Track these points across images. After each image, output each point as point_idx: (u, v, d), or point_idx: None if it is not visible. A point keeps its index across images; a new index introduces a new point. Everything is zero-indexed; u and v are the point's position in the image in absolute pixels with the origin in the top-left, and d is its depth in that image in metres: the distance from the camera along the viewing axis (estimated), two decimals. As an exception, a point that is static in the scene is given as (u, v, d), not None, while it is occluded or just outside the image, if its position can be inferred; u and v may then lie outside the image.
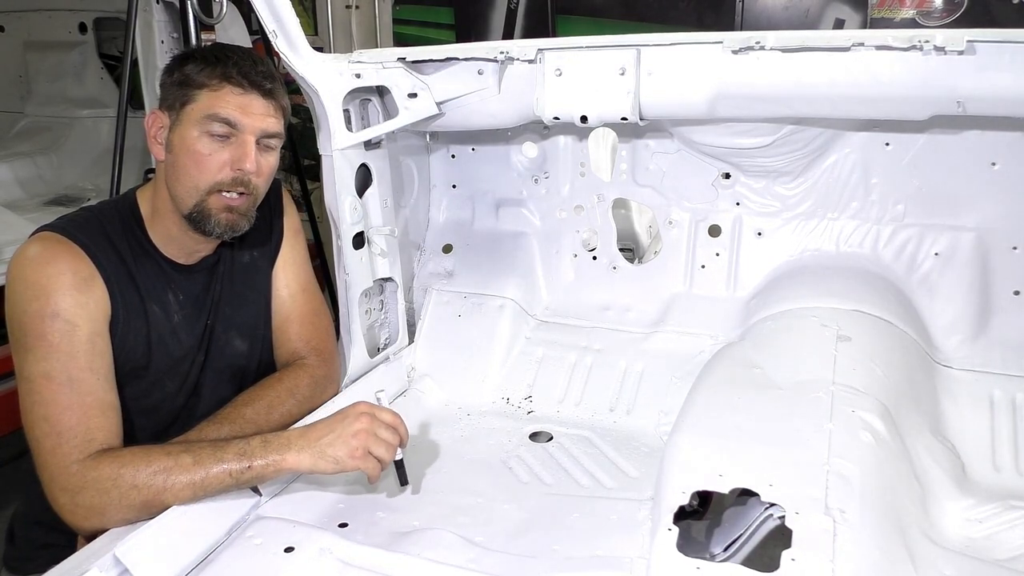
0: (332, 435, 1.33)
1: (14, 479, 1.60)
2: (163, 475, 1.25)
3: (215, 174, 1.38)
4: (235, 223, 1.43)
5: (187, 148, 1.37)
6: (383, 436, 1.36)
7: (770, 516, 1.24)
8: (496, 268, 2.13)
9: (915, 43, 1.40)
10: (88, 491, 1.24)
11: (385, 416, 1.39)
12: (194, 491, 1.27)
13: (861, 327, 1.69)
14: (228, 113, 1.36)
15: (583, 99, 1.67)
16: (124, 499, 1.24)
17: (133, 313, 1.41)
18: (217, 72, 1.37)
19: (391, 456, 1.38)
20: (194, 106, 1.37)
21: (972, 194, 1.78)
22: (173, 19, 2.80)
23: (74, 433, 1.27)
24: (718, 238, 2.01)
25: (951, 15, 3.61)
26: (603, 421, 1.82)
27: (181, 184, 1.39)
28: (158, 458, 1.26)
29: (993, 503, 1.44)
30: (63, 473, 1.26)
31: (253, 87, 1.38)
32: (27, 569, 1.52)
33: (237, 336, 1.59)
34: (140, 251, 1.45)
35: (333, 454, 1.32)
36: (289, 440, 1.32)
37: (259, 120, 1.39)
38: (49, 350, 1.28)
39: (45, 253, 1.33)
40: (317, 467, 1.32)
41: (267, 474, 1.31)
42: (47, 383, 1.28)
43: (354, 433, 1.33)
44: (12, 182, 3.86)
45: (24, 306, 1.30)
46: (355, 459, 1.33)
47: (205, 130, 1.37)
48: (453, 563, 1.24)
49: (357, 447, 1.32)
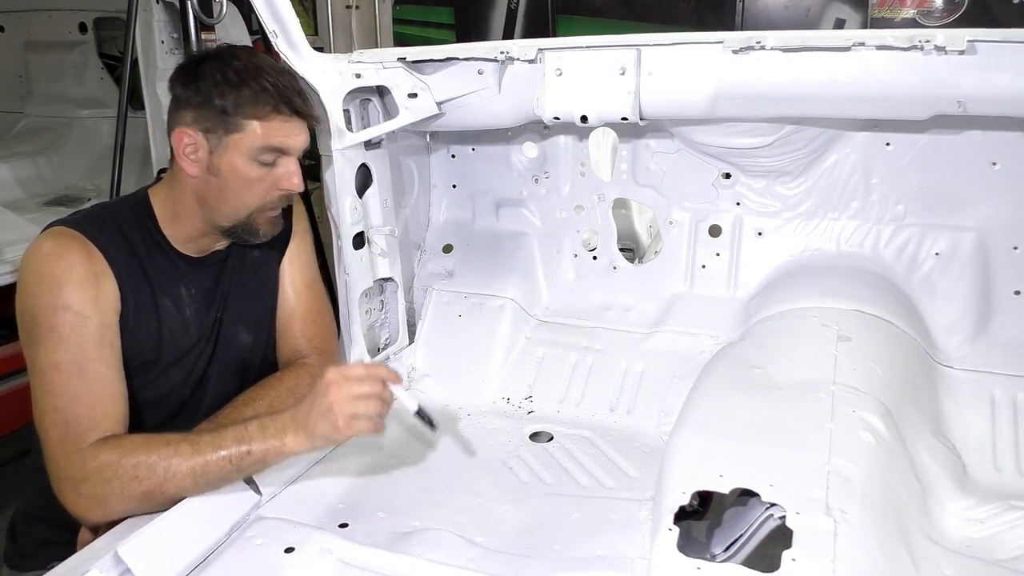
0: (313, 414, 1.30)
1: (15, 478, 1.60)
2: (164, 463, 1.25)
3: (264, 195, 1.44)
4: (275, 230, 1.52)
5: (238, 174, 1.41)
6: (359, 392, 1.30)
7: (771, 516, 1.24)
8: (496, 268, 2.13)
9: (916, 43, 1.40)
10: (91, 481, 1.25)
11: (354, 372, 1.32)
12: (195, 480, 1.27)
13: (862, 327, 1.69)
14: (280, 142, 1.41)
15: (583, 99, 1.67)
16: (125, 489, 1.25)
17: (144, 308, 1.43)
18: (268, 102, 1.38)
19: (379, 407, 1.32)
20: (244, 136, 1.38)
21: (973, 194, 1.78)
22: (173, 19, 2.79)
23: (80, 422, 1.28)
24: (718, 238, 2.01)
25: (951, 15, 3.61)
26: (603, 421, 1.82)
27: (227, 204, 1.44)
28: (158, 447, 1.27)
29: (994, 503, 1.44)
30: (67, 462, 1.27)
31: (296, 113, 1.42)
32: (28, 566, 1.53)
33: (244, 330, 1.61)
34: (153, 246, 1.47)
35: (321, 432, 1.29)
36: (284, 423, 1.31)
37: (301, 141, 1.46)
38: (59, 341, 1.30)
39: (58, 248, 1.35)
40: (315, 446, 1.32)
41: (269, 459, 1.31)
42: (57, 373, 1.29)
43: (328, 407, 1.28)
44: (12, 182, 3.86)
45: (36, 299, 1.32)
46: (342, 430, 1.29)
47: (257, 159, 1.40)
48: (453, 563, 1.24)
49: (337, 418, 1.28)
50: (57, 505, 1.46)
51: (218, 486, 1.32)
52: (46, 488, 1.53)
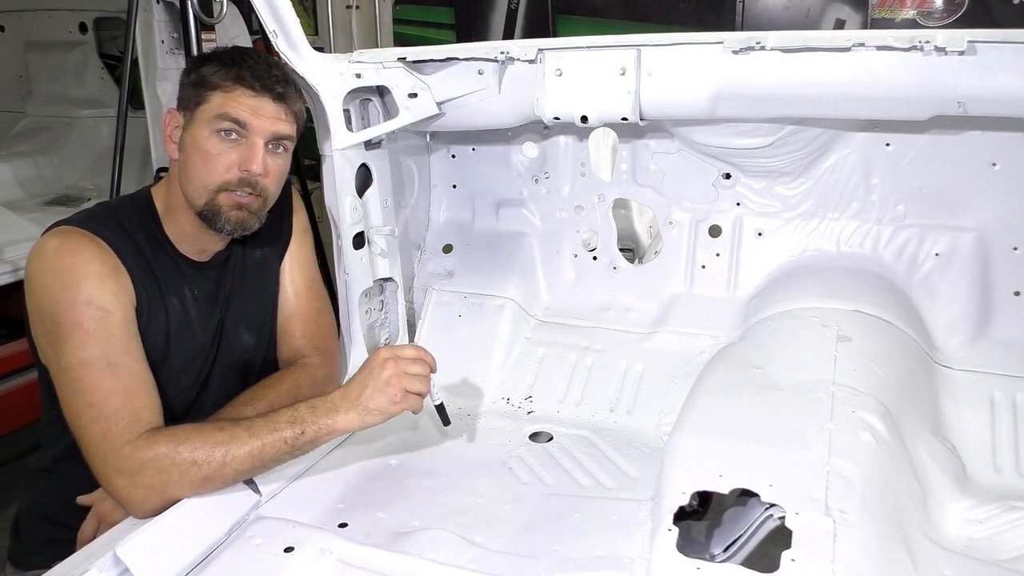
0: (369, 389, 1.37)
1: (15, 478, 1.60)
2: (222, 448, 1.29)
3: (223, 174, 1.40)
4: (245, 221, 1.45)
5: (198, 147, 1.39)
6: (413, 371, 1.40)
7: (770, 516, 1.24)
8: (496, 268, 2.13)
9: (916, 43, 1.40)
10: (147, 471, 1.26)
11: (408, 352, 1.43)
12: (252, 462, 1.31)
13: (861, 327, 1.69)
14: (238, 114, 1.38)
15: (583, 99, 1.67)
16: (185, 476, 1.27)
17: (155, 304, 1.44)
18: (231, 74, 1.39)
19: (426, 386, 1.43)
20: (207, 106, 1.39)
21: (973, 194, 1.78)
22: (173, 19, 2.79)
23: (121, 415, 1.28)
24: (718, 238, 2.01)
25: (951, 15, 3.61)
26: (603, 421, 1.82)
27: (191, 182, 1.42)
28: (213, 434, 1.30)
29: (993, 504, 1.44)
30: (116, 456, 1.27)
31: (265, 90, 1.40)
32: (31, 564, 1.53)
33: (245, 331, 1.62)
34: (157, 246, 1.47)
35: (376, 407, 1.37)
36: (335, 403, 1.37)
37: (269, 123, 1.41)
38: (86, 337, 1.30)
39: (68, 244, 1.35)
40: (366, 423, 1.38)
41: (320, 438, 1.36)
42: (87, 370, 1.29)
43: (386, 381, 1.37)
44: (12, 182, 3.86)
45: (55, 297, 1.31)
46: (397, 404, 1.38)
47: (215, 129, 1.39)
48: (453, 563, 1.24)
49: (395, 392, 1.37)
50: (59, 504, 1.46)
51: (271, 467, 1.36)
52: (48, 488, 1.53)
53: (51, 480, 1.52)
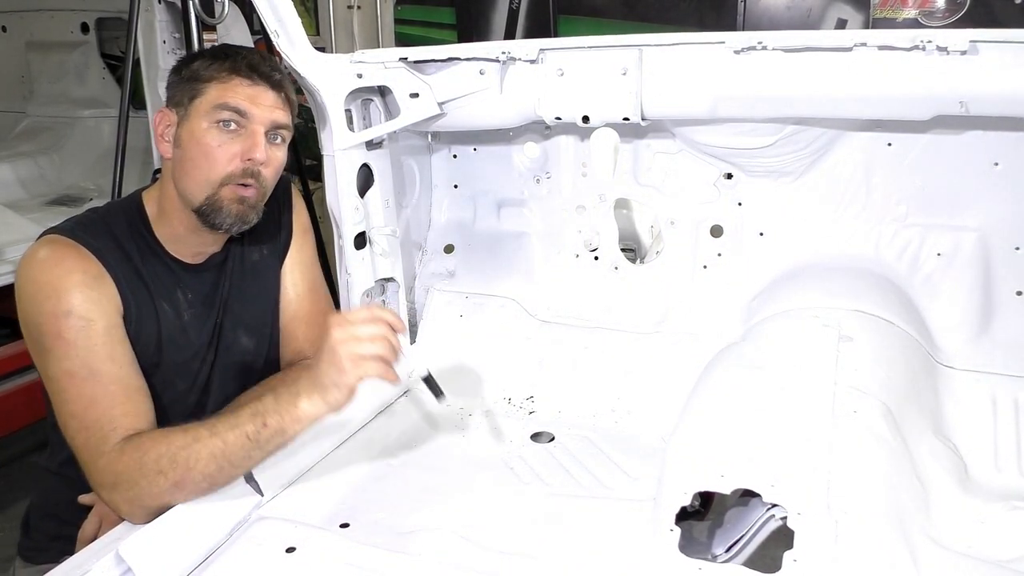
0: (322, 364, 1.28)
1: (19, 476, 1.61)
2: (184, 452, 1.25)
3: (225, 166, 1.38)
4: (245, 215, 1.42)
5: (197, 141, 1.38)
6: (364, 333, 1.29)
7: (772, 517, 1.24)
8: (498, 268, 2.13)
9: (917, 43, 1.40)
10: (121, 485, 1.26)
11: (357, 315, 1.32)
12: (218, 462, 1.26)
13: (863, 327, 1.68)
14: (238, 103, 1.37)
15: (585, 99, 1.67)
16: (153, 486, 1.25)
17: (144, 310, 1.42)
18: (226, 65, 1.39)
19: (387, 349, 1.30)
20: (203, 99, 1.38)
21: (974, 194, 1.78)
22: (175, 19, 2.80)
23: (100, 426, 1.28)
24: (720, 238, 2.00)
25: (953, 15, 3.61)
26: (605, 421, 1.82)
27: (191, 178, 1.39)
28: (176, 437, 1.26)
29: (995, 504, 1.43)
30: (95, 469, 1.27)
31: (262, 78, 1.40)
32: (41, 559, 1.54)
33: (245, 333, 1.60)
34: (147, 251, 1.45)
35: (330, 381, 1.28)
36: (298, 389, 1.29)
37: (268, 111, 1.40)
38: (67, 348, 1.29)
39: (53, 255, 1.34)
40: (329, 402, 1.29)
41: (287, 428, 1.28)
42: (70, 380, 1.29)
43: (331, 350, 1.27)
44: (14, 182, 3.87)
45: (38, 308, 1.31)
46: (348, 372, 1.27)
47: (215, 120, 1.37)
48: (454, 563, 1.24)
49: (343, 360, 1.27)
50: (67, 502, 1.47)
51: (247, 467, 1.31)
52: (55, 487, 1.54)
53: (59, 481, 1.52)
